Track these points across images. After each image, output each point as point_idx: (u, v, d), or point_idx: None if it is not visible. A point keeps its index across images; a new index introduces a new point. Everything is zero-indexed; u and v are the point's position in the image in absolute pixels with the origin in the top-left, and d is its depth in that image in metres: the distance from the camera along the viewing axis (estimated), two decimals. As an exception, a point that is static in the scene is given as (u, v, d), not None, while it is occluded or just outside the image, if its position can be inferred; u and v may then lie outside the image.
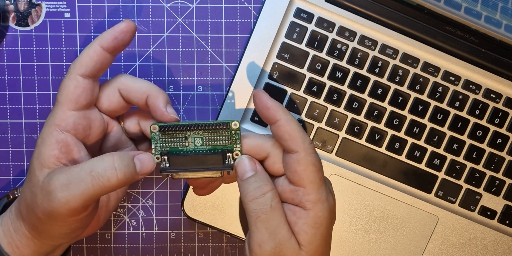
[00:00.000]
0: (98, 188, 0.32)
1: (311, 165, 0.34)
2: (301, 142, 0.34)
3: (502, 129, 0.48)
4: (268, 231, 0.34)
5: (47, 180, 0.33)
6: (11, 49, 0.47)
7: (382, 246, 0.47)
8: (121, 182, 0.33)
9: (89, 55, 0.35)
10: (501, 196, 0.48)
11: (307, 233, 0.35)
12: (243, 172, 0.35)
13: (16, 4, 0.47)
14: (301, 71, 0.47)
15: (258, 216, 0.34)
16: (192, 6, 0.48)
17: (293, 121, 0.35)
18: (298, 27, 0.46)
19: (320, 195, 0.35)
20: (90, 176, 0.32)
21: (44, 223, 0.34)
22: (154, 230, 0.48)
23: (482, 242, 0.48)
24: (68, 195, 0.32)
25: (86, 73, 0.35)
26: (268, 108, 0.35)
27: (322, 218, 0.35)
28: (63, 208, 0.32)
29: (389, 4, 0.47)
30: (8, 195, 0.41)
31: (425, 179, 0.48)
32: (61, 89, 0.36)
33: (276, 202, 0.34)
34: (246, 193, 0.35)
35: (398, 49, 0.47)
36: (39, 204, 0.33)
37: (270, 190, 0.35)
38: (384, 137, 0.47)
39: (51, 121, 0.35)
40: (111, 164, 0.33)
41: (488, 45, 0.47)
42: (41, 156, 0.35)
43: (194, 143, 0.36)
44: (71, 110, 0.35)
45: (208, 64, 0.48)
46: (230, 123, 0.36)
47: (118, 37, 0.36)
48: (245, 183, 0.35)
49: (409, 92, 0.47)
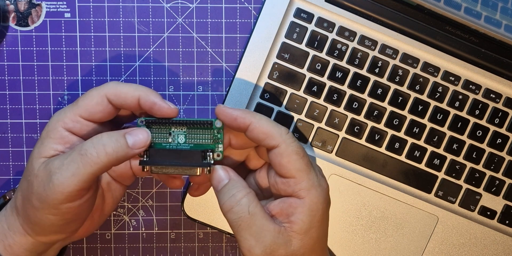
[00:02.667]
0: (88, 167, 0.33)
1: (294, 154, 0.35)
2: (278, 136, 0.35)
3: (502, 129, 0.48)
4: (253, 236, 0.34)
5: (43, 167, 0.34)
6: (11, 49, 0.47)
7: (382, 246, 0.47)
8: (111, 157, 0.33)
9: (127, 92, 0.35)
10: (501, 196, 0.48)
11: (304, 222, 0.35)
12: (216, 183, 0.35)
13: (16, 4, 0.47)
14: (301, 71, 0.47)
15: (238, 225, 0.34)
16: (192, 6, 0.48)
17: (264, 120, 0.35)
18: (298, 27, 0.46)
19: (312, 181, 0.35)
20: (79, 155, 0.33)
21: (38, 211, 0.34)
22: (154, 230, 0.48)
23: (482, 242, 0.48)
24: (61, 177, 0.32)
25: (113, 101, 0.35)
26: (235, 119, 0.35)
27: (318, 204, 0.35)
28: (57, 191, 0.33)
29: (389, 4, 0.47)
30: (5, 196, 0.41)
31: (425, 179, 0.48)
32: (86, 95, 0.36)
33: (253, 207, 0.34)
34: (221, 204, 0.35)
35: (398, 49, 0.47)
36: (35, 191, 0.34)
37: (244, 195, 0.34)
38: (384, 137, 0.47)
39: (61, 117, 0.35)
40: (99, 140, 0.33)
41: (488, 45, 0.47)
42: (42, 147, 0.35)
43: (177, 139, 0.36)
44: (82, 117, 0.35)
45: (208, 64, 0.48)
46: (214, 122, 0.35)
47: (156, 105, 0.35)
48: (219, 194, 0.35)
49: (409, 92, 0.47)
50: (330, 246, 0.47)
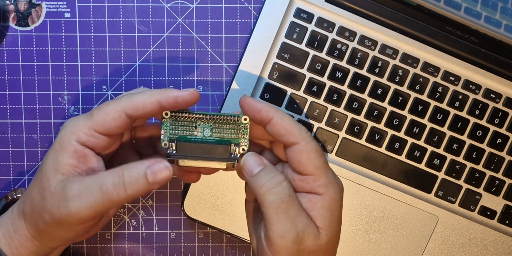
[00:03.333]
0: (108, 202, 0.33)
1: (313, 152, 0.35)
2: (299, 133, 0.35)
3: (502, 129, 0.48)
4: (289, 220, 0.34)
5: (60, 187, 0.34)
6: (11, 49, 0.47)
7: (382, 246, 0.47)
8: (130, 197, 0.33)
9: (145, 101, 0.34)
10: (501, 196, 0.48)
11: (325, 217, 0.35)
12: (251, 168, 0.35)
13: (16, 4, 0.47)
14: (301, 71, 0.47)
15: (278, 206, 0.34)
16: (192, 6, 0.48)
17: (286, 116, 0.35)
18: (298, 27, 0.46)
19: (330, 179, 0.36)
20: (100, 191, 0.33)
21: (50, 226, 0.34)
22: (154, 230, 0.48)
23: (482, 242, 0.48)
24: (78, 205, 0.33)
25: (132, 115, 0.35)
26: (259, 110, 0.35)
27: (336, 200, 0.36)
28: (72, 217, 0.33)
29: (389, 4, 0.47)
30: (7, 197, 0.41)
31: (425, 179, 0.48)
32: (101, 110, 0.35)
33: (292, 191, 0.35)
34: (261, 185, 0.34)
35: (398, 49, 0.47)
36: (48, 208, 0.34)
37: (284, 179, 0.35)
38: (384, 137, 0.47)
39: (75, 130, 0.35)
40: (120, 180, 0.33)
41: (488, 45, 0.47)
42: (57, 162, 0.34)
43: (203, 133, 0.36)
44: (98, 132, 0.35)
45: (208, 64, 0.48)
46: (241, 117, 0.36)
47: (178, 98, 0.35)
48: (256, 177, 0.35)
49: (409, 92, 0.47)
50: (330, 246, 0.47)
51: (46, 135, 0.47)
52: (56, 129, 0.47)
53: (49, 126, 0.47)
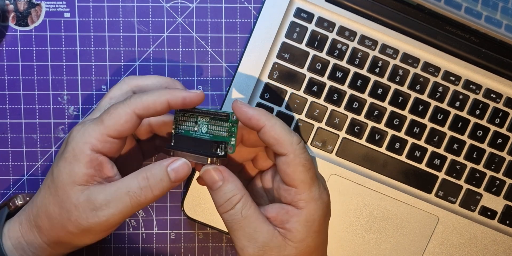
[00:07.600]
0: (136, 206, 0.34)
1: (300, 166, 0.35)
2: (289, 145, 0.35)
3: (503, 129, 0.48)
4: (245, 237, 0.35)
5: (83, 198, 0.34)
6: (10, 49, 0.47)
7: (382, 246, 0.47)
8: (157, 197, 0.35)
9: (155, 102, 0.35)
10: (502, 196, 0.48)
11: (299, 231, 0.35)
12: (212, 182, 0.36)
13: (15, 4, 0.47)
14: (301, 71, 0.46)
15: (231, 226, 0.35)
16: (192, 6, 0.47)
17: (278, 125, 0.35)
18: (298, 27, 0.46)
19: (313, 194, 0.35)
20: (128, 195, 0.34)
21: (75, 236, 0.35)
22: (154, 230, 0.48)
23: (482, 242, 0.48)
24: (108, 213, 0.34)
25: (143, 115, 0.35)
26: (249, 119, 0.35)
27: (315, 216, 0.35)
28: (102, 225, 0.34)
29: (389, 4, 0.47)
30: (9, 205, 0.41)
31: (425, 179, 0.48)
32: (111, 114, 0.35)
33: (247, 210, 0.35)
34: (218, 206, 0.36)
35: (398, 49, 0.47)
36: (73, 220, 0.34)
37: (239, 199, 0.35)
38: (384, 137, 0.47)
39: (87, 139, 0.35)
40: (146, 183, 0.34)
41: (488, 45, 0.47)
42: (74, 174, 0.34)
43: (200, 129, 0.37)
44: (111, 137, 0.35)
45: (208, 64, 0.48)
46: (230, 115, 0.36)
47: (186, 99, 0.35)
48: (215, 194, 0.36)
49: (409, 92, 0.47)
50: (330, 246, 0.46)
51: (46, 135, 0.47)
52: (55, 129, 0.47)
53: (49, 126, 0.47)
